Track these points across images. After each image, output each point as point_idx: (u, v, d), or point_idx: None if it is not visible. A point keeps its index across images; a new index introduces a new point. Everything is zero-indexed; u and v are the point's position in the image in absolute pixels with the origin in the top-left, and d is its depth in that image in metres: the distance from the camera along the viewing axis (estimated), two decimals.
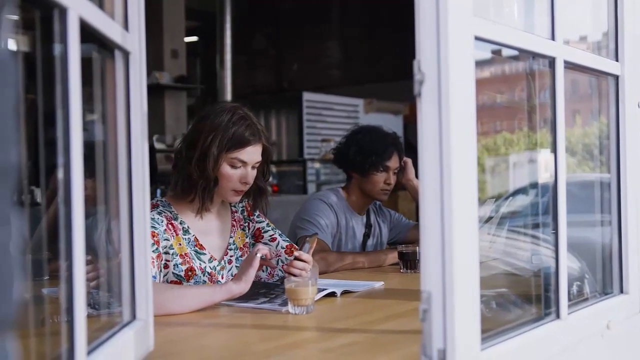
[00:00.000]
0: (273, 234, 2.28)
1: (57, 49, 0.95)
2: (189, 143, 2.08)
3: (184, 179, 2.08)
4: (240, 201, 2.26)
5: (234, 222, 2.24)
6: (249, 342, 1.53)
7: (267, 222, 2.30)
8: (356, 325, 1.67)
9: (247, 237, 2.26)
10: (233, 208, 2.26)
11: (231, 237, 2.21)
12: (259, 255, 1.88)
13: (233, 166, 2.06)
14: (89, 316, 0.99)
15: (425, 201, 1.11)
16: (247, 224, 2.27)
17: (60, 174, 0.95)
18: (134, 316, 1.30)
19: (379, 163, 2.83)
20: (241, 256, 2.21)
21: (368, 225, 3.01)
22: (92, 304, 1.31)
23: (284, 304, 1.82)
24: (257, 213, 2.30)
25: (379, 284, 2.24)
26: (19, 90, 0.54)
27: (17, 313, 0.53)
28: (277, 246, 2.25)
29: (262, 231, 2.28)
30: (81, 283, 0.96)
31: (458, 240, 1.10)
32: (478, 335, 1.16)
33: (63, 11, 0.93)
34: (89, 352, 1.02)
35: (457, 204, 1.10)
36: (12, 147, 0.50)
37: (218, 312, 1.87)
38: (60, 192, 0.93)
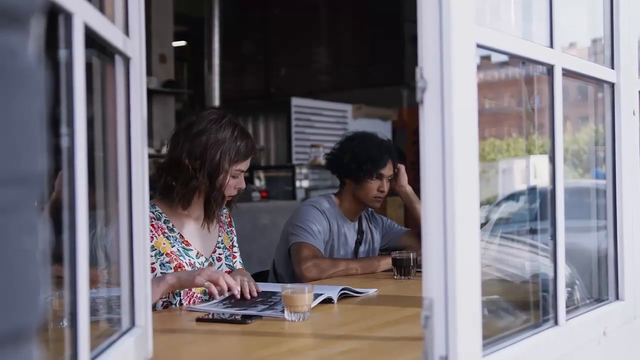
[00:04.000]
0: (236, 253, 2.38)
1: (61, 54, 0.94)
2: (190, 156, 2.10)
3: (189, 190, 2.12)
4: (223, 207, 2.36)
5: (221, 224, 2.33)
6: (247, 349, 1.52)
7: (235, 238, 2.39)
8: (353, 331, 1.67)
9: (230, 241, 2.35)
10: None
11: (219, 235, 2.30)
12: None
13: (235, 177, 2.17)
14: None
15: (428, 208, 1.11)
16: (230, 229, 2.37)
17: (64, 178, 0.94)
18: (133, 323, 1.29)
19: (373, 171, 2.82)
20: (229, 255, 2.31)
21: (360, 232, 3.00)
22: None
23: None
24: (233, 226, 2.39)
25: (372, 291, 2.23)
26: (47, 99, 0.54)
27: (42, 320, 0.53)
28: (234, 263, 2.34)
29: (232, 243, 2.37)
30: (85, 292, 0.95)
31: (460, 247, 1.10)
32: (479, 341, 1.16)
33: (68, 17, 0.93)
34: None
35: (460, 210, 1.10)
36: (40, 156, 0.50)
37: None
38: (65, 198, 0.93)
